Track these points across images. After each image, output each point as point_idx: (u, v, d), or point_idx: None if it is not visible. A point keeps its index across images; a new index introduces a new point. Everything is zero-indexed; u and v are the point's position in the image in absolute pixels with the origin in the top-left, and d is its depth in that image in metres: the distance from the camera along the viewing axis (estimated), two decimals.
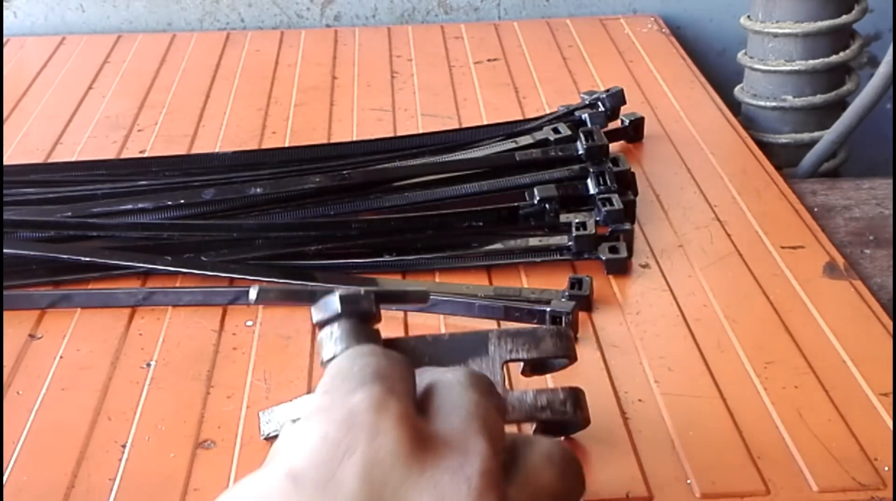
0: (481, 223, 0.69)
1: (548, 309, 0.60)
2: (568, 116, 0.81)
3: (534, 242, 0.68)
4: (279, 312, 0.64)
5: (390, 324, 0.62)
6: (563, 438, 0.51)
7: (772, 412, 0.54)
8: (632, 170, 0.73)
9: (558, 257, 0.67)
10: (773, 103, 0.98)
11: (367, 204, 0.71)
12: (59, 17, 1.14)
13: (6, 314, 0.63)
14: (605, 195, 0.69)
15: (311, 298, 0.46)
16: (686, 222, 0.73)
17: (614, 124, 0.83)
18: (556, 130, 0.77)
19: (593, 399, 0.53)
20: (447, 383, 0.40)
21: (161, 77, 1.00)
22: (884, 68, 0.87)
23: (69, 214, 0.70)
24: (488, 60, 1.02)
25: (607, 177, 0.71)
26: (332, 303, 0.46)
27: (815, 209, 0.76)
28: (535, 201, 0.69)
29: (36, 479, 0.51)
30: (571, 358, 0.50)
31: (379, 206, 0.71)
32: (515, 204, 0.70)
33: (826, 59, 0.96)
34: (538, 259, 0.67)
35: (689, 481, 0.50)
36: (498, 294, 0.64)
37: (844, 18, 0.95)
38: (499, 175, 0.73)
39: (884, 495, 0.49)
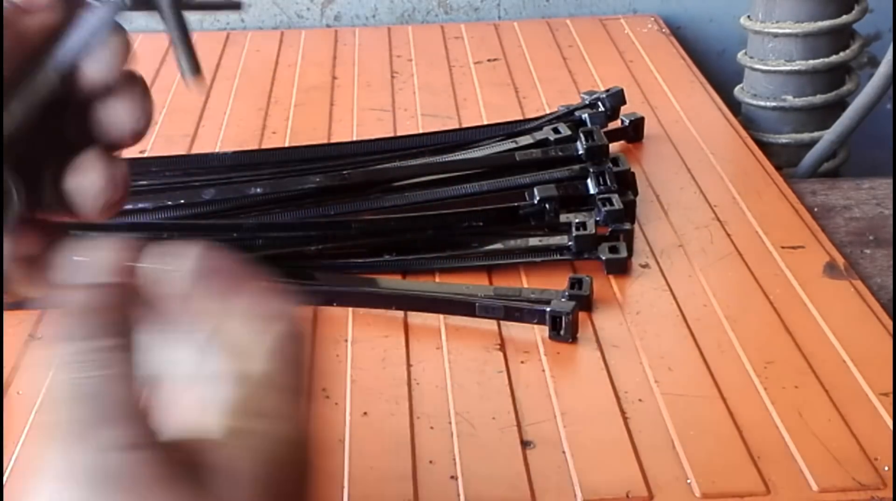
0: (481, 223, 0.69)
1: (548, 309, 0.60)
2: (568, 116, 0.81)
3: (534, 242, 0.68)
4: None
5: (391, 324, 0.62)
6: None
7: (772, 412, 0.54)
8: (632, 170, 0.73)
9: (558, 257, 0.67)
10: (773, 103, 0.98)
11: (367, 204, 0.71)
12: None
13: (6, 314, 0.63)
14: (605, 195, 0.69)
15: None
16: (686, 222, 0.73)
17: (614, 124, 0.83)
18: (556, 130, 0.77)
19: (593, 399, 0.53)
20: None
21: (161, 77, 1.00)
22: (884, 68, 0.87)
23: None
24: (488, 60, 1.02)
25: (607, 177, 0.71)
26: None
27: (815, 209, 0.76)
28: (535, 201, 0.69)
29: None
30: None
31: (379, 206, 0.71)
32: (515, 204, 0.70)
33: (826, 60, 0.96)
34: (538, 259, 0.67)
35: (689, 481, 0.50)
36: (498, 294, 0.64)
37: (844, 18, 0.95)
38: (499, 175, 0.73)
39: (884, 495, 0.49)
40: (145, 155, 0.84)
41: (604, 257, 0.66)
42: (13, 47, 0.37)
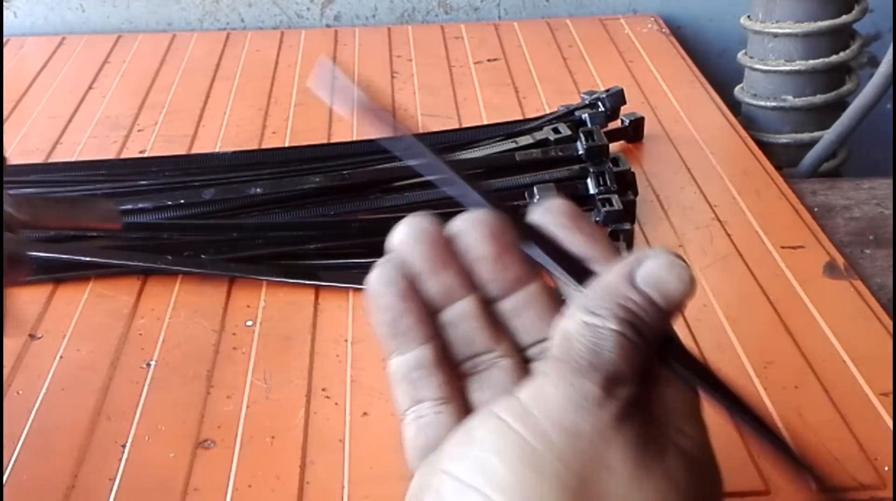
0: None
1: None
2: (568, 116, 0.81)
3: None
4: (279, 312, 0.64)
5: None
6: None
7: (772, 412, 0.54)
8: (632, 170, 0.73)
9: None
10: (773, 103, 0.98)
11: (367, 204, 0.71)
12: (59, 17, 1.14)
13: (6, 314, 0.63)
14: (605, 195, 0.69)
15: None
16: (686, 222, 0.73)
17: (614, 124, 0.83)
18: (556, 130, 0.77)
19: None
20: None
21: (161, 77, 1.00)
22: (884, 68, 0.87)
23: None
24: (488, 60, 1.02)
25: (607, 177, 0.71)
26: None
27: (815, 209, 0.76)
28: (535, 201, 0.69)
29: (36, 479, 0.51)
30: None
31: (379, 206, 0.71)
32: (515, 204, 0.70)
33: (826, 60, 0.96)
34: None
35: None
36: None
37: (844, 18, 0.95)
38: (499, 175, 0.73)
39: (884, 495, 0.49)
40: (145, 155, 0.84)
41: None
42: None
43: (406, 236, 0.39)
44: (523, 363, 0.39)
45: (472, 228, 0.38)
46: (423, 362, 0.38)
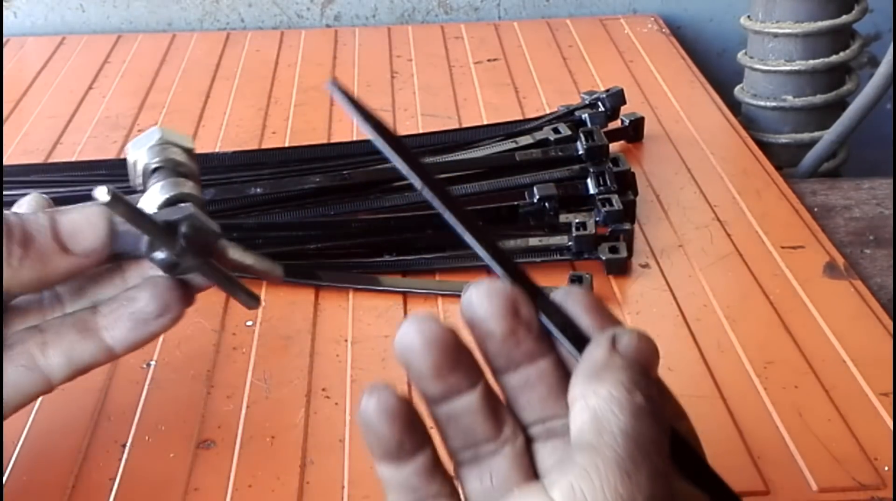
0: (481, 223, 0.69)
1: None
2: (568, 116, 0.81)
3: (534, 242, 0.68)
4: (279, 312, 0.64)
5: (391, 324, 0.62)
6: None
7: (772, 412, 0.54)
8: (632, 170, 0.73)
9: (558, 257, 0.67)
10: (773, 103, 0.98)
11: (367, 204, 0.71)
12: (59, 17, 1.14)
13: None
14: (605, 195, 0.69)
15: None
16: (686, 222, 0.73)
17: (614, 124, 0.83)
18: (556, 130, 0.77)
19: None
20: None
21: (161, 77, 1.00)
22: (884, 68, 0.87)
23: None
24: (488, 60, 1.02)
25: (607, 177, 0.71)
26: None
27: (815, 209, 0.76)
28: (535, 200, 0.69)
29: (36, 479, 0.51)
30: None
31: (379, 206, 0.71)
32: (515, 203, 0.70)
33: (826, 60, 0.96)
34: (538, 259, 0.67)
35: None
36: None
37: (844, 18, 0.95)
38: (499, 175, 0.73)
39: (884, 495, 0.49)
40: None
41: (604, 258, 0.66)
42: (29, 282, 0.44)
43: (413, 342, 0.35)
44: (525, 444, 0.36)
45: (485, 300, 0.36)
46: (424, 468, 0.36)
